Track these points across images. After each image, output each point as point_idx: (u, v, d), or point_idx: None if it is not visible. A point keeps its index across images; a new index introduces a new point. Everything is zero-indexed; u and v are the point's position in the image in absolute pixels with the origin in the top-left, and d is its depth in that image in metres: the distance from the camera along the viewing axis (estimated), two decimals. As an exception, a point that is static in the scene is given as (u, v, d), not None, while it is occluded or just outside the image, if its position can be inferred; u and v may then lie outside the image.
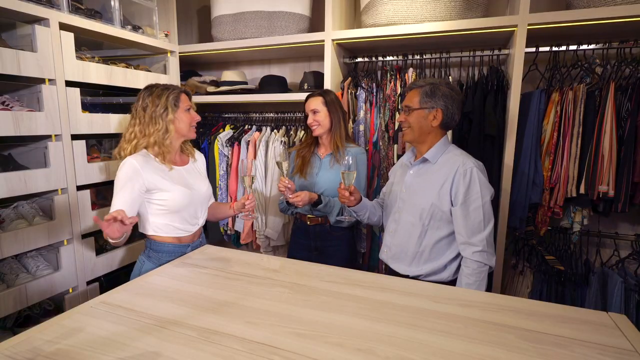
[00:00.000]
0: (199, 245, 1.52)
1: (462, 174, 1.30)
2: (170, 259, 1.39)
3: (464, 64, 2.09)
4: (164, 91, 1.40)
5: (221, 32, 2.27)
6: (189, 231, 1.46)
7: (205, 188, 1.53)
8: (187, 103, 1.45)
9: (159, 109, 1.37)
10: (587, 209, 1.77)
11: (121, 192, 1.30)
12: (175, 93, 1.41)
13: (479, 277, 1.28)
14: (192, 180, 1.48)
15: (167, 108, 1.37)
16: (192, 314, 0.98)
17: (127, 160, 1.34)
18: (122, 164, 1.34)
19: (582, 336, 0.89)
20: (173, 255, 1.41)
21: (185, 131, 1.44)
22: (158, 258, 1.40)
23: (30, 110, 1.56)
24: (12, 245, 1.50)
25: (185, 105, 1.43)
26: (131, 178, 1.31)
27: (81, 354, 0.82)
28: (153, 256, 1.40)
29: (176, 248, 1.42)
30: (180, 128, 1.42)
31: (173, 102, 1.39)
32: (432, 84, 1.37)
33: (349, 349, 0.83)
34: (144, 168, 1.34)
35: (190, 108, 1.46)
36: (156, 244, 1.41)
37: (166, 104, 1.37)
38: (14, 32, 1.62)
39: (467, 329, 0.92)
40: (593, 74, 1.73)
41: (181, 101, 1.42)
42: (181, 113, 1.41)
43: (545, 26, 1.65)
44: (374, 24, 1.94)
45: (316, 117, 1.68)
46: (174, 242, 1.43)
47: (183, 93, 1.45)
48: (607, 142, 1.62)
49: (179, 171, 1.46)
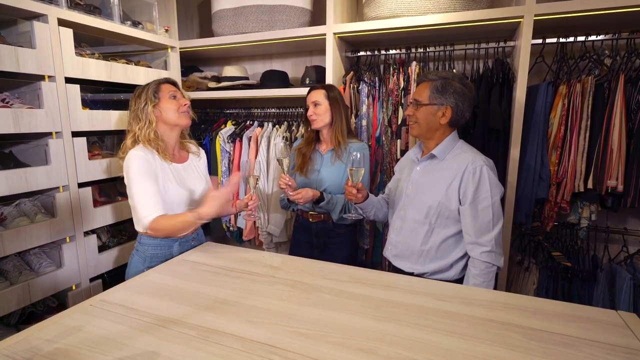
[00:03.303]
0: (191, 240, 1.48)
1: (471, 172, 1.26)
2: (156, 252, 1.39)
3: (468, 57, 2.05)
4: (144, 88, 1.40)
5: (222, 26, 2.24)
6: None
7: (202, 188, 1.50)
8: (170, 90, 1.41)
9: (140, 105, 1.37)
10: (595, 204, 1.73)
11: (146, 182, 1.29)
12: (153, 85, 1.39)
13: (487, 278, 1.25)
14: (188, 179, 1.46)
15: (146, 102, 1.36)
16: (192, 312, 0.97)
17: (132, 153, 1.32)
18: (128, 158, 1.33)
19: (590, 335, 0.86)
20: (159, 248, 1.40)
21: (174, 119, 1.40)
22: (144, 251, 1.39)
23: (30, 107, 1.55)
24: (14, 242, 1.50)
25: (167, 93, 1.40)
26: (147, 168, 1.31)
27: (80, 353, 0.81)
28: (140, 249, 1.40)
29: (162, 242, 1.40)
30: (168, 117, 1.39)
31: (152, 94, 1.37)
32: (444, 79, 1.31)
33: (351, 349, 0.82)
34: (149, 159, 1.33)
35: (176, 94, 1.42)
36: (144, 237, 1.40)
37: (146, 97, 1.37)
38: (12, 28, 1.61)
39: (471, 328, 0.90)
40: (602, 66, 1.69)
41: (161, 91, 1.39)
42: (164, 102, 1.39)
43: (552, 17, 1.60)
44: (376, 17, 1.90)
45: (317, 109, 1.65)
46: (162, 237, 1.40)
47: (164, 83, 1.42)
48: (617, 135, 1.58)
49: (176, 168, 1.43)
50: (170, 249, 1.42)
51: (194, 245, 1.50)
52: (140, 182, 1.29)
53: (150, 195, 1.29)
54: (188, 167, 1.49)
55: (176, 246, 1.43)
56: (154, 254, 1.39)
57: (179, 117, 1.41)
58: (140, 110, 1.37)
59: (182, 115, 1.41)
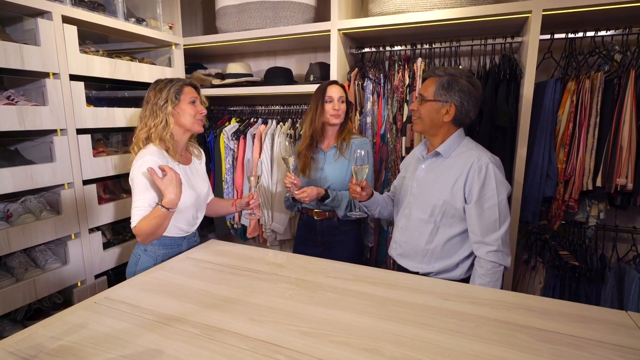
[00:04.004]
0: (193, 236, 1.49)
1: (476, 170, 1.24)
2: (166, 251, 1.38)
3: (474, 53, 2.02)
4: (167, 84, 1.37)
5: (226, 23, 2.23)
6: (189, 231, 1.45)
7: (205, 189, 1.51)
8: (192, 95, 1.40)
9: (160, 102, 1.34)
10: (604, 203, 1.71)
11: (147, 192, 1.28)
12: (177, 85, 1.37)
13: (493, 278, 1.23)
14: (195, 180, 1.45)
15: (167, 101, 1.34)
16: (196, 310, 0.97)
17: (146, 157, 1.29)
18: (141, 160, 1.29)
19: (600, 337, 0.85)
20: (169, 247, 1.39)
21: (189, 124, 1.39)
22: (154, 251, 1.38)
23: (35, 104, 1.55)
24: (20, 239, 1.51)
25: (189, 97, 1.38)
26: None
27: (84, 350, 0.81)
28: (149, 249, 1.38)
29: (172, 241, 1.40)
30: (184, 121, 1.38)
31: (174, 94, 1.35)
32: (451, 76, 1.28)
33: (355, 348, 0.81)
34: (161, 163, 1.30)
35: (195, 100, 1.40)
36: None
37: (167, 96, 1.34)
38: (17, 25, 1.61)
39: (477, 328, 0.89)
40: (612, 62, 1.65)
41: (184, 93, 1.37)
42: (184, 105, 1.37)
43: (561, 12, 1.57)
44: (381, 13, 1.88)
45: (342, 106, 1.63)
46: (171, 237, 1.40)
47: (188, 85, 1.40)
48: (627, 132, 1.55)
49: (184, 169, 1.42)
50: (179, 247, 1.42)
51: (196, 241, 1.51)
52: (142, 191, 1.28)
53: (145, 206, 1.27)
54: (192, 168, 1.48)
55: (185, 243, 1.44)
56: (165, 253, 1.38)
57: (193, 123, 1.39)
58: (159, 107, 1.34)
59: (197, 122, 1.41)
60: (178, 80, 1.40)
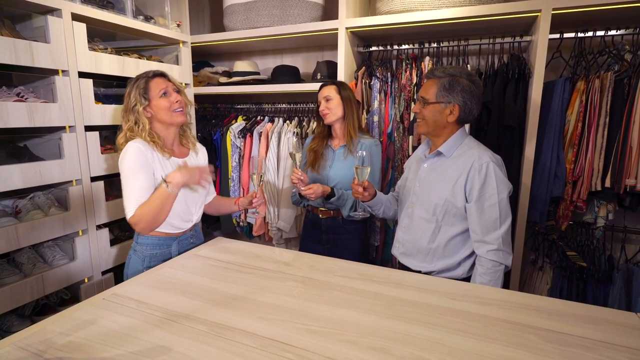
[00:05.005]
0: (190, 238, 1.44)
1: (477, 169, 1.24)
2: (154, 251, 1.35)
3: (483, 52, 2.01)
4: (133, 84, 1.31)
5: (233, 21, 2.24)
6: (182, 228, 1.39)
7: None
8: (160, 87, 1.31)
9: (132, 102, 1.30)
10: (613, 203, 1.69)
11: (137, 177, 1.23)
12: (142, 82, 1.30)
13: (494, 277, 1.23)
14: None
15: (136, 103, 1.29)
16: (203, 307, 0.97)
17: (130, 144, 1.25)
18: (125, 149, 1.26)
19: (609, 338, 0.84)
20: (157, 248, 1.35)
21: (167, 118, 1.31)
22: (142, 251, 1.35)
23: (45, 101, 1.56)
24: (28, 235, 1.52)
25: (158, 91, 1.30)
26: (143, 162, 1.24)
27: (93, 347, 0.81)
28: (138, 249, 1.35)
29: (160, 241, 1.36)
30: (161, 117, 1.31)
31: (141, 94, 1.29)
32: (452, 76, 1.28)
33: (363, 347, 0.81)
34: (147, 153, 1.27)
35: (166, 91, 1.32)
36: (141, 237, 1.35)
37: (135, 97, 1.29)
38: (27, 23, 1.62)
39: (485, 328, 0.88)
40: (622, 61, 1.63)
41: (151, 89, 1.30)
42: (155, 101, 1.30)
43: (571, 11, 1.56)
44: (389, 11, 1.87)
45: (329, 104, 1.65)
46: (160, 236, 1.36)
47: (153, 78, 1.32)
48: (637, 132, 1.53)
49: (177, 162, 1.37)
50: (168, 248, 1.38)
51: (193, 243, 1.46)
52: (130, 178, 1.24)
53: (138, 192, 1.23)
54: (188, 162, 1.42)
55: (175, 245, 1.39)
56: (152, 254, 1.35)
57: (172, 116, 1.32)
58: (131, 110, 1.29)
59: (175, 113, 1.33)
60: (143, 75, 1.33)
